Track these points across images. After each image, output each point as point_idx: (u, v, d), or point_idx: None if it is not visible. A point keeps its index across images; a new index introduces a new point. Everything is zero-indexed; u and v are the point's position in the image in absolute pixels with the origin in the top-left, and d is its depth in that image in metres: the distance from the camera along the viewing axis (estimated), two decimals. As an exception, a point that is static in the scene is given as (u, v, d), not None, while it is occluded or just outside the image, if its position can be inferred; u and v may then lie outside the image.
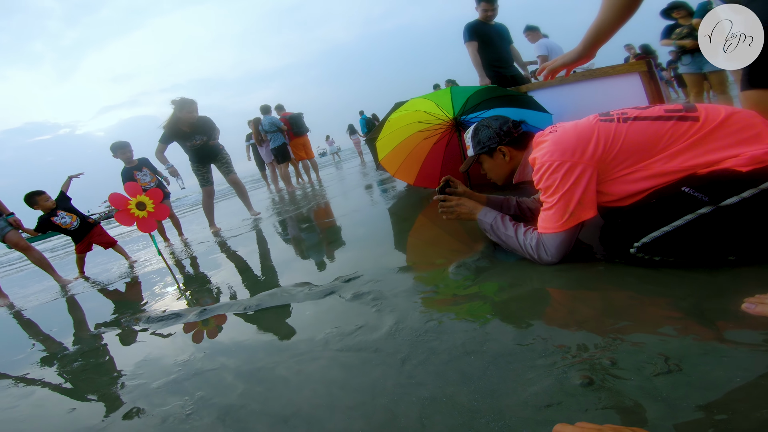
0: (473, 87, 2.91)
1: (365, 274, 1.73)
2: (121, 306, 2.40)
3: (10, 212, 3.48)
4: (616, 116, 1.23)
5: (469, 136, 1.65)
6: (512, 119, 1.59)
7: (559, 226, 1.25)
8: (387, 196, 3.82)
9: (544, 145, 1.29)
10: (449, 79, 9.72)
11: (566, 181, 1.21)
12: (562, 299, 1.17)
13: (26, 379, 1.61)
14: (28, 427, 1.24)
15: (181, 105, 3.91)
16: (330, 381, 1.02)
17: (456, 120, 2.87)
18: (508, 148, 1.54)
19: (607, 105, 2.59)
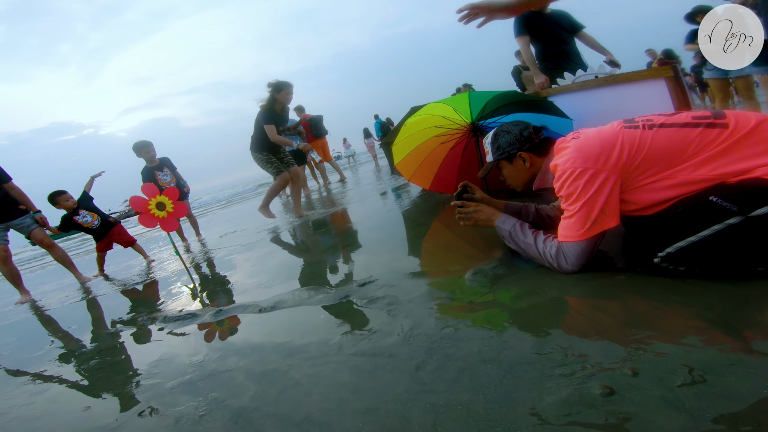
0: (492, 92, 2.91)
1: (379, 278, 1.74)
2: (138, 305, 2.46)
3: (37, 210, 3.62)
4: (642, 123, 1.21)
5: (488, 141, 1.64)
6: (533, 125, 1.58)
7: (580, 235, 1.24)
8: (401, 201, 3.83)
9: (566, 152, 1.28)
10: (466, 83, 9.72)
11: (589, 188, 1.20)
12: (582, 308, 1.16)
13: (43, 376, 1.66)
14: (43, 425, 1.27)
15: (278, 87, 3.86)
16: (342, 385, 1.03)
17: (473, 125, 2.87)
18: (529, 154, 1.53)
19: (630, 111, 2.55)
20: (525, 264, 1.52)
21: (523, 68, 6.24)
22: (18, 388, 1.59)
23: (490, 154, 1.63)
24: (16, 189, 3.48)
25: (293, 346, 1.33)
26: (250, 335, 1.52)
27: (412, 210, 3.38)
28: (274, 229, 3.92)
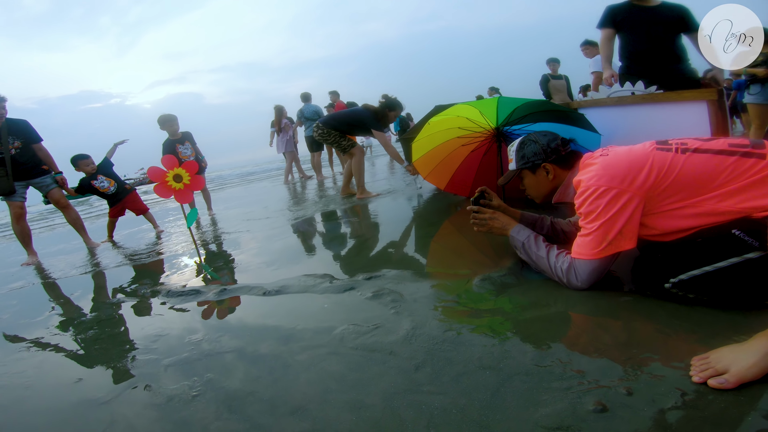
0: (522, 99, 2.91)
1: (386, 274, 1.79)
2: (142, 276, 2.54)
3: (59, 171, 3.79)
4: (675, 146, 1.21)
5: (513, 149, 1.65)
6: (562, 137, 1.59)
7: (594, 254, 1.26)
8: (414, 198, 3.88)
9: (592, 168, 1.29)
10: (492, 86, 9.68)
11: (610, 208, 1.21)
12: (586, 325, 1.18)
13: (40, 344, 1.68)
14: (31, 395, 1.27)
15: (393, 105, 4.10)
16: (339, 377, 1.07)
17: (498, 130, 2.88)
18: (553, 166, 1.54)
19: (664, 132, 2.53)
20: (534, 276, 1.55)
21: (551, 77, 6.21)
22: (12, 354, 1.61)
23: (514, 162, 1.64)
24: (43, 150, 3.66)
25: (294, 333, 1.37)
26: (253, 317, 1.57)
27: (424, 208, 3.42)
28: (284, 211, 4.01)
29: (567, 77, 6.37)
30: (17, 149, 3.50)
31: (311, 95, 7.56)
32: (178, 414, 1.02)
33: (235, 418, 0.97)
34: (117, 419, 1.05)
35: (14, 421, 1.14)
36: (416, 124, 3.68)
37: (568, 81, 6.36)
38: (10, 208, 3.57)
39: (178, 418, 1.01)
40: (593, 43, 5.13)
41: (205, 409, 1.03)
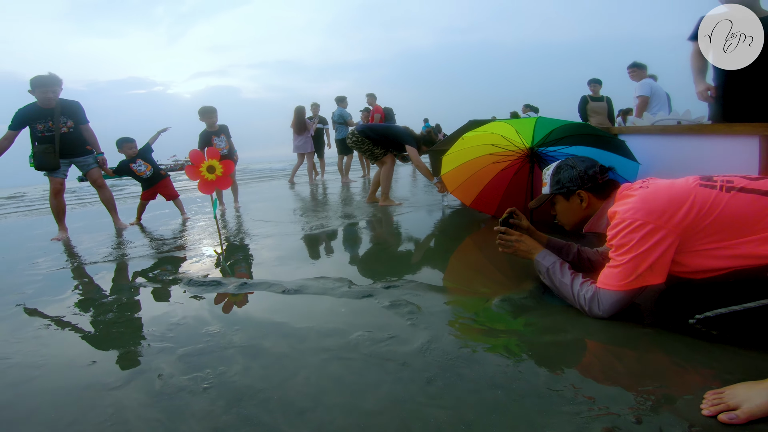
0: (561, 120, 2.92)
1: (405, 285, 1.84)
2: (166, 262, 2.67)
3: (101, 151, 4.07)
4: (720, 183, 1.20)
5: (549, 172, 1.66)
6: (600, 164, 1.59)
7: (620, 285, 1.28)
8: (437, 211, 3.92)
9: (629, 200, 1.30)
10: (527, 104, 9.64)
11: (643, 243, 1.21)
12: (602, 353, 1.21)
13: (59, 322, 1.74)
14: (42, 374, 1.30)
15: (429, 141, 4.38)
16: (352, 383, 1.11)
17: (532, 150, 2.89)
18: (588, 195, 1.55)
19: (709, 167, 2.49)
20: (554, 301, 1.57)
21: (591, 98, 6.13)
22: (31, 332, 1.66)
23: (548, 186, 1.65)
24: (89, 131, 3.94)
25: (309, 334, 1.42)
26: (270, 314, 1.63)
27: (447, 223, 3.47)
28: (307, 211, 4.12)
29: (609, 99, 6.24)
30: (69, 128, 3.79)
31: (346, 98, 7.76)
32: (186, 406, 1.06)
33: (243, 415, 1.00)
34: (124, 406, 1.08)
35: (22, 399, 1.16)
36: (448, 137, 3.73)
37: (609, 103, 6.23)
38: (51, 183, 3.83)
39: (186, 410, 1.04)
40: (641, 65, 5.08)
41: (214, 403, 1.06)
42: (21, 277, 2.52)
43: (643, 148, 2.88)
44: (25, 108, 3.67)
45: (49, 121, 3.69)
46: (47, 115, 3.68)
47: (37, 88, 3.59)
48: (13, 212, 7.43)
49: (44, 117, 3.68)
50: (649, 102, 4.89)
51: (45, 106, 3.66)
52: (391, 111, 8.38)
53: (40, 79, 3.59)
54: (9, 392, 1.20)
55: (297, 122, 7.56)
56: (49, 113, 3.68)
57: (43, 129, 3.69)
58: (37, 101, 3.65)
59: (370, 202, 4.61)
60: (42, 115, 3.67)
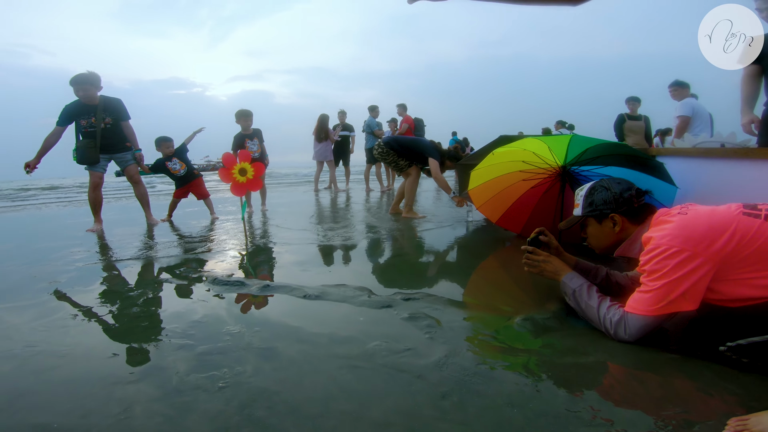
0: (597, 139, 2.88)
1: (425, 298, 1.84)
2: (192, 259, 2.76)
3: (139, 148, 4.30)
4: (765, 212, 1.18)
5: (582, 193, 1.64)
6: (637, 187, 1.56)
7: (650, 311, 1.26)
8: (461, 227, 3.91)
9: (667, 226, 1.28)
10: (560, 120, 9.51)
11: (678, 270, 1.20)
12: (623, 377, 1.20)
13: (86, 313, 1.80)
14: (64, 364, 1.34)
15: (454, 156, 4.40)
16: (366, 393, 1.12)
17: (564, 168, 2.86)
18: (622, 218, 1.52)
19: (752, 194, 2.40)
20: (578, 323, 1.55)
21: (628, 117, 5.96)
22: (57, 320, 1.72)
23: (580, 208, 1.63)
24: (129, 127, 4.17)
25: (328, 341, 1.45)
26: (291, 318, 1.67)
27: (470, 239, 3.45)
28: (332, 218, 4.18)
29: (647, 118, 6.05)
30: (108, 125, 4.02)
31: (377, 108, 7.88)
32: (200, 405, 1.08)
33: (255, 417, 1.02)
34: (138, 400, 1.10)
35: (41, 387, 1.20)
36: (477, 152, 3.72)
37: (647, 122, 6.03)
38: (90, 177, 4.06)
39: (198, 409, 1.06)
40: (684, 84, 4.93)
41: (228, 403, 1.08)
42: (55, 265, 2.66)
43: (683, 172, 2.80)
44: (71, 104, 3.92)
45: (92, 116, 3.93)
46: (90, 111, 3.92)
47: (75, 85, 3.82)
48: (52, 202, 7.86)
49: (88, 113, 3.92)
50: (691, 123, 4.73)
51: (88, 103, 3.90)
52: (422, 122, 8.47)
53: (80, 76, 3.83)
54: (30, 379, 1.25)
55: (319, 130, 7.69)
56: (92, 109, 3.93)
57: (86, 125, 3.94)
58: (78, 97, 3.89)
59: (392, 213, 4.65)
60: (86, 111, 3.92)
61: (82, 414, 1.05)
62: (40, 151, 3.88)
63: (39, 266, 2.65)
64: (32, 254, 3.05)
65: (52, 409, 1.09)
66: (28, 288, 2.19)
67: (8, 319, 1.74)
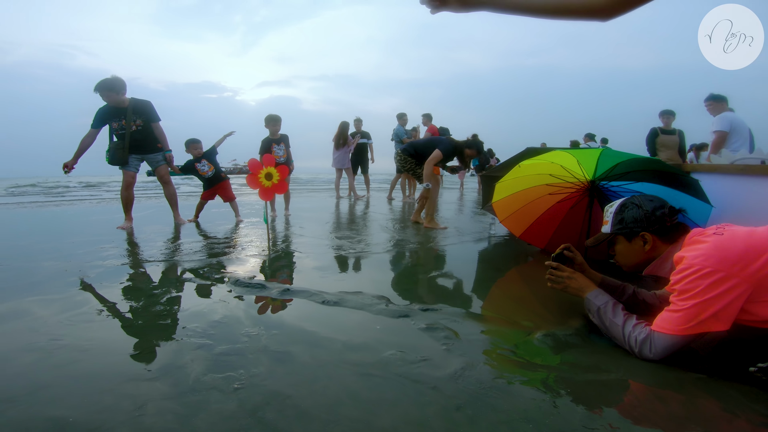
0: (628, 153, 2.81)
1: (443, 309, 1.83)
2: (216, 260, 2.82)
3: (169, 149, 4.48)
4: None
5: (612, 210, 1.61)
6: (670, 206, 1.53)
7: (678, 330, 1.24)
8: (483, 240, 3.87)
9: (701, 246, 1.26)
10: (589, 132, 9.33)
11: (710, 290, 1.18)
12: (645, 395, 1.17)
13: (111, 309, 1.86)
14: (86, 358, 1.37)
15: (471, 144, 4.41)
16: (379, 401, 1.12)
17: (593, 183, 2.80)
18: (653, 237, 1.49)
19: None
20: (600, 340, 1.53)
21: (661, 131, 5.78)
22: (83, 315, 1.77)
23: (609, 225, 1.60)
24: (159, 129, 4.35)
25: (344, 348, 1.45)
26: (308, 323, 1.69)
27: (492, 252, 3.42)
28: (353, 226, 4.22)
29: (681, 132, 5.83)
30: (138, 126, 4.20)
31: (405, 115, 7.92)
32: (212, 405, 1.09)
33: (266, 421, 1.02)
34: (153, 398, 1.12)
35: (61, 381, 1.22)
36: (503, 164, 3.69)
37: (682, 137, 5.82)
38: (124, 176, 4.25)
39: (212, 409, 1.07)
40: (720, 98, 4.74)
41: (241, 405, 1.09)
42: (85, 260, 2.77)
43: (719, 190, 2.71)
44: (103, 107, 4.11)
45: (123, 119, 4.11)
46: (121, 113, 4.11)
47: (99, 91, 3.99)
48: (87, 198, 8.21)
49: (118, 115, 4.11)
50: (728, 138, 4.54)
51: (117, 106, 4.09)
52: (447, 131, 8.46)
53: (103, 83, 3.99)
54: (52, 373, 1.28)
55: (339, 136, 7.77)
56: (122, 112, 4.11)
57: (117, 127, 4.13)
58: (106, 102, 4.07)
59: (414, 221, 4.66)
60: (116, 114, 4.11)
61: (97, 409, 1.07)
62: (76, 153, 4.09)
63: (70, 261, 2.77)
64: (65, 248, 3.19)
65: (69, 402, 1.11)
66: (59, 281, 2.29)
67: (37, 311, 1.82)
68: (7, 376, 1.25)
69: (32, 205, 7.05)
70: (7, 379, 1.23)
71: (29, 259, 2.81)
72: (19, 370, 1.28)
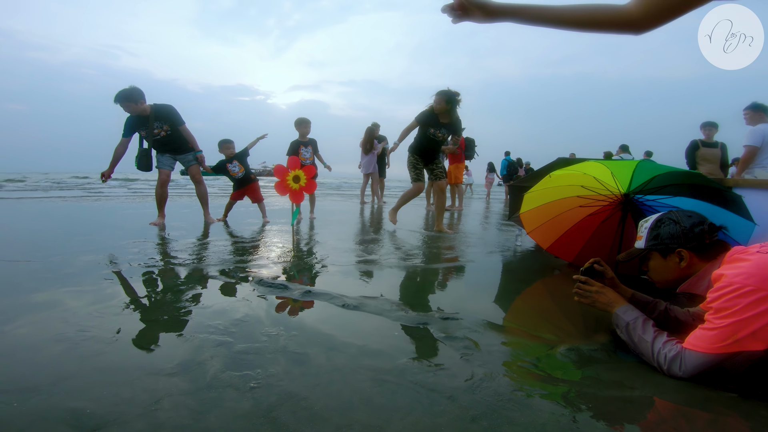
0: (667, 166, 2.70)
1: (464, 318, 1.80)
2: (241, 259, 2.89)
3: (199, 149, 4.65)
4: None
5: (647, 225, 1.57)
6: (710, 222, 1.48)
7: (712, 348, 1.20)
8: (509, 251, 3.81)
9: (743, 265, 1.21)
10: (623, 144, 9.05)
11: (750, 309, 1.14)
12: (670, 413, 1.13)
13: (138, 303, 1.92)
14: (109, 351, 1.41)
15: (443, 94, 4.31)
16: (392, 408, 1.10)
17: (627, 197, 2.71)
18: (690, 254, 1.45)
19: None
20: (627, 357, 1.48)
21: (702, 144, 5.49)
22: (111, 308, 1.83)
23: (643, 240, 1.56)
24: (186, 131, 4.53)
25: (361, 352, 1.45)
26: (327, 326, 1.69)
27: (517, 264, 3.35)
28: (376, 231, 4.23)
29: (724, 145, 5.51)
30: (167, 132, 4.38)
31: None
32: (227, 403, 1.10)
33: (279, 422, 1.03)
34: (170, 393, 1.14)
35: (85, 372, 1.25)
36: (532, 174, 3.62)
37: (724, 150, 5.49)
38: (159, 174, 4.47)
39: (227, 406, 1.08)
40: (761, 108, 4.43)
41: (256, 405, 1.09)
42: (117, 254, 2.90)
43: (764, 206, 2.56)
44: (130, 117, 4.29)
45: (148, 126, 4.30)
46: (145, 121, 4.29)
47: (119, 101, 4.16)
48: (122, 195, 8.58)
49: (144, 123, 4.30)
50: (760, 151, 4.26)
51: (140, 114, 4.26)
52: (473, 142, 8.33)
53: (120, 94, 4.15)
54: (77, 364, 1.31)
55: (366, 141, 7.80)
56: (146, 120, 4.29)
57: (145, 135, 4.34)
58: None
59: (438, 231, 4.67)
60: (142, 122, 4.30)
61: (114, 402, 1.09)
62: (112, 162, 4.29)
63: (103, 254, 2.90)
64: (101, 242, 3.35)
65: (89, 394, 1.13)
66: (91, 274, 2.39)
67: (69, 302, 1.90)
68: (34, 364, 1.30)
69: (73, 199, 7.43)
70: (35, 368, 1.27)
71: (66, 252, 2.95)
72: (46, 360, 1.33)
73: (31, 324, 1.64)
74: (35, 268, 2.49)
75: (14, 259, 2.72)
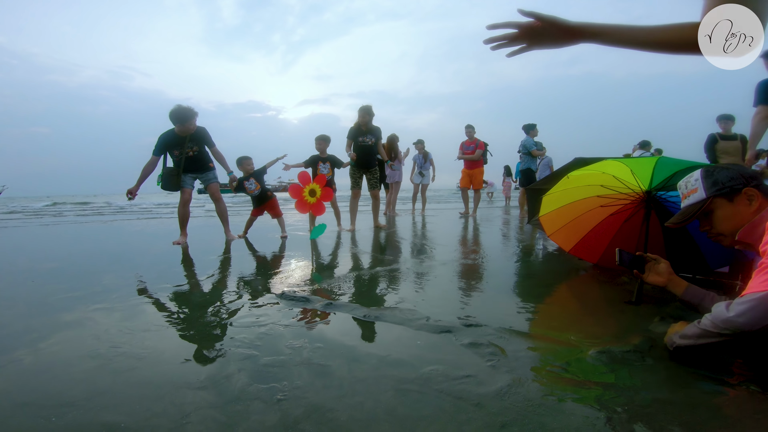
0: (688, 161, 2.62)
1: (488, 325, 1.76)
2: (263, 273, 2.92)
3: (230, 170, 4.77)
4: None
5: (694, 179, 1.47)
6: None
7: None
8: (531, 254, 3.74)
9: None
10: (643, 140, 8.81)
11: None
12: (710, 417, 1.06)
13: (167, 319, 1.96)
14: (141, 366, 1.43)
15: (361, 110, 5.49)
16: (418, 418, 1.08)
17: (649, 194, 2.63)
18: (758, 192, 1.35)
19: None
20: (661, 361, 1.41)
21: (721, 137, 5.33)
22: (142, 324, 1.87)
23: (700, 191, 1.46)
24: (218, 153, 4.63)
25: (384, 363, 1.42)
26: (349, 338, 1.68)
27: (540, 268, 3.29)
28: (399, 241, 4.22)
29: (743, 137, 5.32)
30: (195, 152, 4.48)
31: (536, 126, 7.92)
32: (254, 415, 1.10)
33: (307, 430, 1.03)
34: (200, 406, 1.15)
35: (117, 388, 1.28)
36: (549, 176, 3.57)
37: (744, 142, 5.25)
38: (181, 194, 4.52)
39: (253, 419, 1.08)
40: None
41: (283, 418, 1.09)
42: (144, 273, 2.96)
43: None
44: (165, 134, 4.38)
45: (183, 147, 4.38)
46: (182, 141, 4.38)
47: (176, 122, 4.25)
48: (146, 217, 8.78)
49: (180, 143, 4.38)
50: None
51: (182, 134, 4.35)
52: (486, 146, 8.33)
53: (181, 113, 4.23)
54: (109, 379, 1.34)
55: (389, 150, 7.78)
56: (184, 140, 4.38)
57: (178, 154, 4.40)
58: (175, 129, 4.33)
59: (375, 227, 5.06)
60: (178, 142, 4.38)
61: (147, 416, 1.11)
62: (139, 179, 4.37)
63: (131, 273, 2.97)
64: (127, 261, 3.42)
65: (123, 409, 1.15)
66: (120, 292, 2.44)
67: (101, 319, 1.95)
68: (70, 380, 1.33)
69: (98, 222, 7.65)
70: (70, 384, 1.30)
71: (95, 271, 3.04)
72: (81, 376, 1.36)
73: (65, 341, 1.68)
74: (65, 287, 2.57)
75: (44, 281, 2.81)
